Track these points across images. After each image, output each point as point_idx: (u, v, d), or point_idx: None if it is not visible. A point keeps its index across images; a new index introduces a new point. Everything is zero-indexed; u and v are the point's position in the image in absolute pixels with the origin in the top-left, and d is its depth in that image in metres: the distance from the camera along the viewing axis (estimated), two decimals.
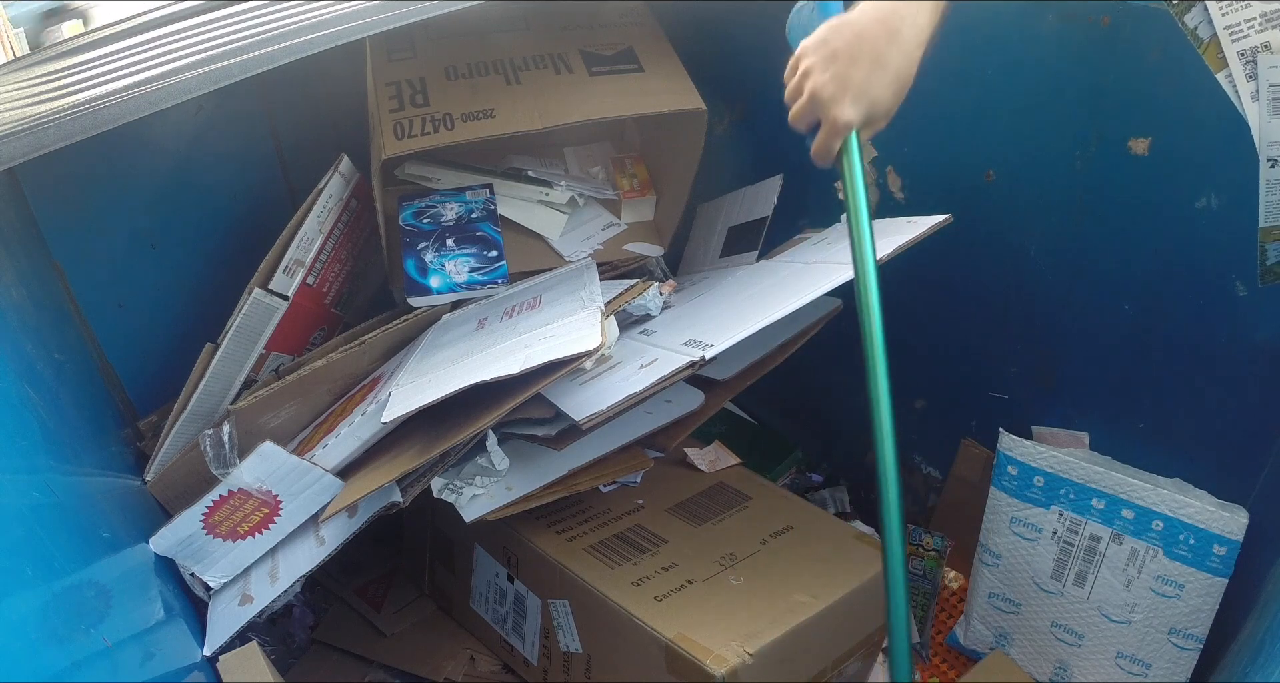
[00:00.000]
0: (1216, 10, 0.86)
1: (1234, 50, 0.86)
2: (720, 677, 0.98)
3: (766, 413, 1.73)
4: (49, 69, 1.18)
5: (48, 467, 0.92)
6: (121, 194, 1.31)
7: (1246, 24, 0.86)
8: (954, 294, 1.35)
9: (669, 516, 1.24)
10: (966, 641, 1.38)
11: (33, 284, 1.15)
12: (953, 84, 1.23)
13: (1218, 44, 0.87)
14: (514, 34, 1.40)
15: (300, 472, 1.13)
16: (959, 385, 1.42)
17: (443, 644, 1.33)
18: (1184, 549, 1.16)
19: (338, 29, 1.04)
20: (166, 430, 1.23)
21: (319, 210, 1.31)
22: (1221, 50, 0.87)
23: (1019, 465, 1.28)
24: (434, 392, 1.02)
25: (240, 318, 1.23)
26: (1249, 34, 0.86)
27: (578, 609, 1.14)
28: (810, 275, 1.14)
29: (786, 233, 1.43)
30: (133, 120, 0.95)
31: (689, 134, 1.36)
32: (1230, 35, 0.86)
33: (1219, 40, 0.87)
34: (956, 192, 1.28)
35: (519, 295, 1.29)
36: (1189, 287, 1.11)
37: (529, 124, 1.26)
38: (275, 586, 1.12)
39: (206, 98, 1.02)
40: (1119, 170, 1.11)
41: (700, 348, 1.05)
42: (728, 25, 1.49)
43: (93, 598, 0.85)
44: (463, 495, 1.11)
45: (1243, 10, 0.85)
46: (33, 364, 1.02)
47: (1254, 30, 0.85)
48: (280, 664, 1.31)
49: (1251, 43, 0.86)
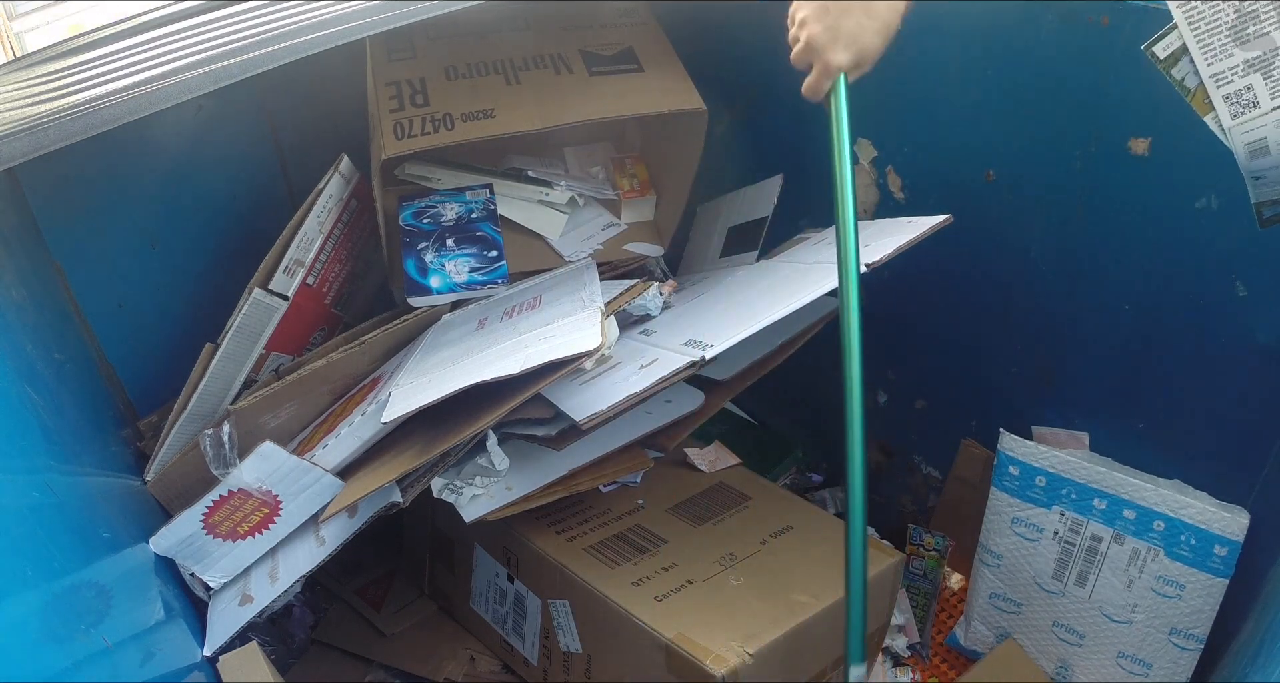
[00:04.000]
0: (1202, 61, 0.95)
1: (1219, 95, 0.95)
2: (720, 677, 0.98)
3: (766, 413, 1.73)
4: (49, 69, 1.18)
5: (48, 467, 0.92)
6: (121, 194, 1.31)
7: (1230, 71, 0.94)
8: (954, 294, 1.35)
9: (669, 516, 1.24)
10: (967, 641, 1.38)
11: (33, 284, 1.15)
12: (953, 84, 1.23)
13: (1204, 90, 0.95)
14: (514, 34, 1.40)
15: (300, 472, 1.13)
16: (959, 385, 1.42)
17: (443, 644, 1.33)
18: (1185, 550, 1.16)
19: (338, 29, 1.04)
20: (166, 430, 1.23)
21: (319, 210, 1.31)
22: (1208, 95, 0.95)
23: (1020, 466, 1.27)
24: (434, 392, 1.02)
25: (240, 318, 1.23)
26: (1233, 80, 0.94)
27: (578, 609, 1.14)
28: (810, 276, 1.14)
29: (786, 233, 1.43)
30: (133, 120, 0.95)
31: (689, 134, 1.36)
32: (1215, 82, 0.95)
33: (1205, 87, 0.95)
34: (956, 192, 1.28)
35: (519, 295, 1.29)
36: (1189, 287, 1.11)
37: (529, 124, 1.26)
38: (275, 586, 1.12)
39: (206, 98, 1.02)
40: (1119, 170, 1.11)
41: (700, 348, 1.05)
42: (728, 25, 1.49)
43: (93, 598, 0.85)
44: (463, 495, 1.11)
45: (1226, 60, 0.94)
46: (33, 364, 1.02)
47: (1237, 76, 0.93)
48: (280, 664, 1.31)
49: (1235, 87, 0.94)
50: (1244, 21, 0.92)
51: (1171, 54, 0.96)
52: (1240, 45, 0.93)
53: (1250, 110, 0.94)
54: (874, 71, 0.97)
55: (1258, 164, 0.95)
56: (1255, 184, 0.97)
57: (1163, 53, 0.96)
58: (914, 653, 1.42)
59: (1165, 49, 0.96)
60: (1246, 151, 0.95)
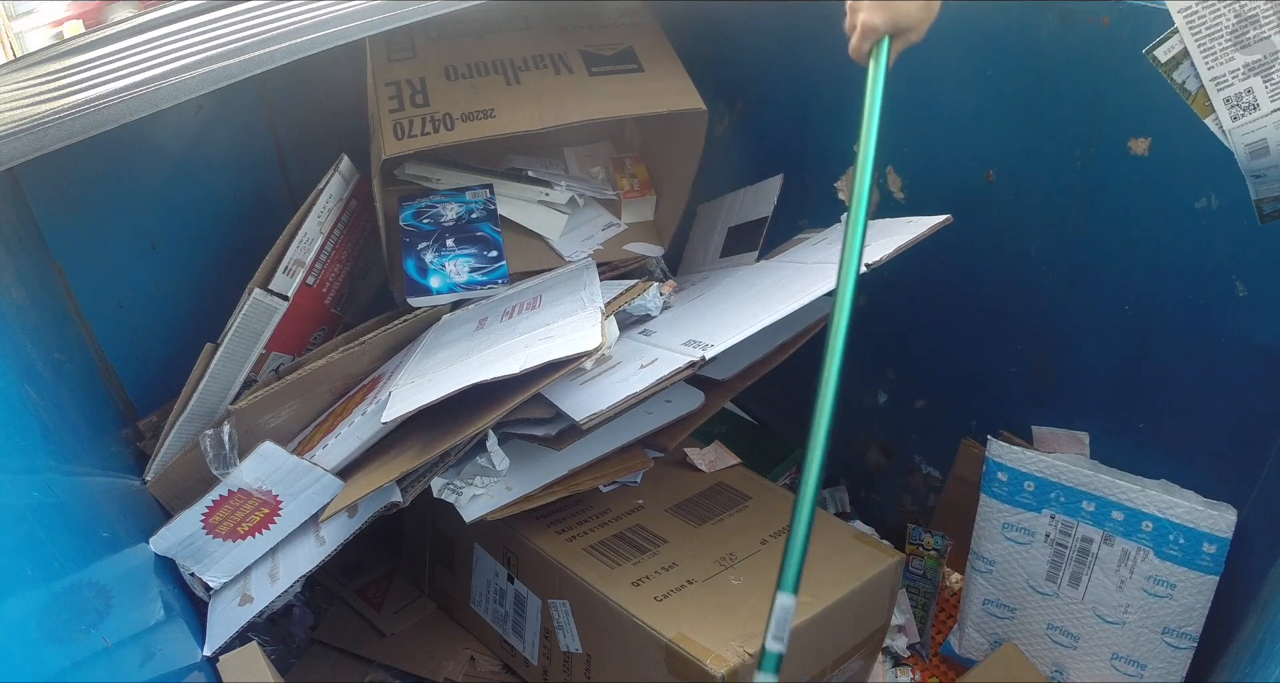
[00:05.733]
0: (1203, 64, 0.97)
1: (1220, 98, 0.97)
2: (720, 677, 0.98)
3: (766, 413, 1.73)
4: (49, 69, 1.18)
5: (48, 467, 0.92)
6: (121, 194, 1.31)
7: (1231, 75, 0.95)
8: (954, 294, 1.35)
9: (669, 516, 1.24)
10: (962, 650, 1.38)
11: (33, 284, 1.15)
12: (953, 84, 1.23)
13: (1205, 93, 0.97)
14: (514, 34, 1.40)
15: (300, 472, 1.13)
16: (959, 385, 1.42)
17: (443, 644, 1.33)
18: (1174, 549, 1.17)
19: (338, 29, 1.04)
20: (166, 430, 1.23)
21: (319, 210, 1.31)
22: (1209, 98, 0.97)
23: (1009, 472, 1.28)
24: (434, 392, 1.02)
25: (240, 318, 1.23)
26: (1233, 83, 0.96)
27: (578, 609, 1.14)
28: (810, 275, 1.14)
29: (786, 233, 1.43)
30: (133, 120, 0.95)
31: (689, 134, 1.36)
32: (1216, 85, 0.97)
33: (1205, 90, 0.97)
34: (956, 192, 1.28)
35: (519, 295, 1.29)
36: (1189, 287, 1.11)
37: (529, 124, 1.26)
38: (275, 586, 1.13)
39: (206, 98, 1.02)
40: (1119, 170, 1.12)
41: (700, 348, 1.05)
42: (728, 25, 1.49)
43: (93, 598, 0.85)
44: (463, 495, 1.11)
45: (1227, 63, 0.95)
46: (33, 364, 1.02)
47: (1238, 79, 0.95)
48: (280, 664, 1.31)
49: (1236, 90, 0.96)
50: (1244, 26, 0.94)
51: (1173, 57, 0.97)
52: (1240, 49, 0.94)
53: (1250, 113, 0.95)
54: None
55: (1258, 163, 0.96)
56: (1255, 182, 0.98)
57: (1164, 56, 0.98)
58: (914, 653, 1.42)
59: (1167, 53, 0.98)
60: (1247, 152, 0.96)
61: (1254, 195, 0.99)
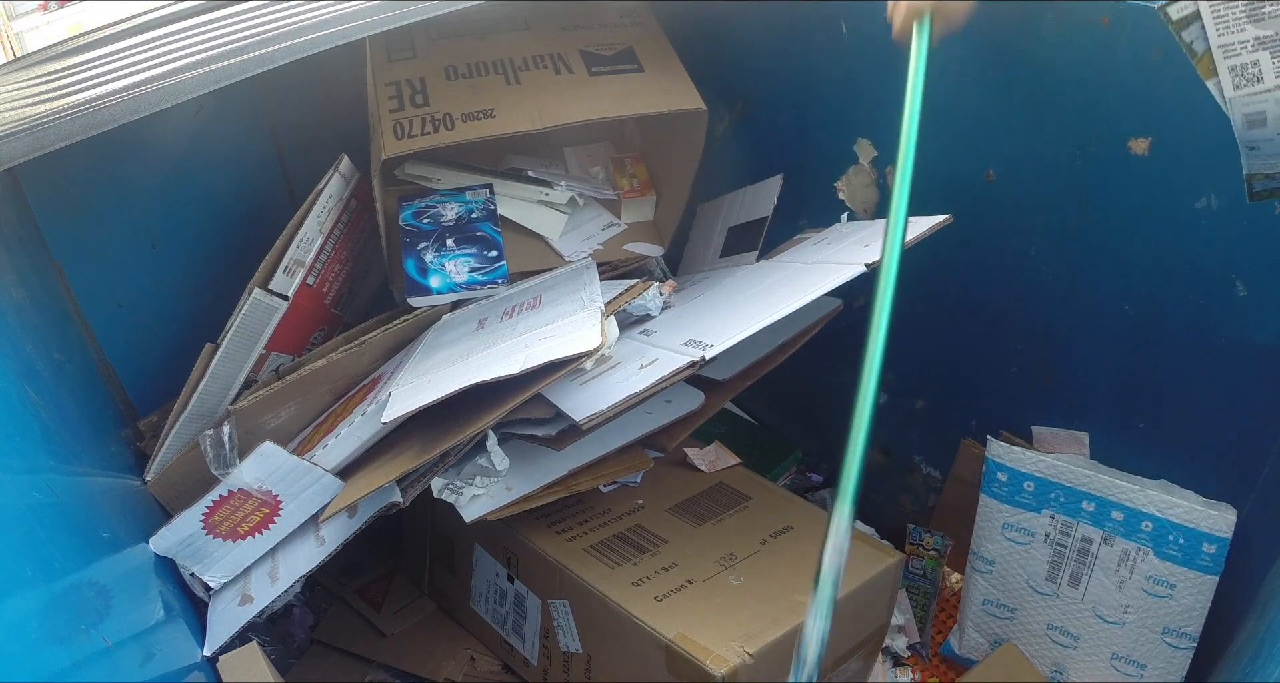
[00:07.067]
0: (1213, 30, 0.96)
1: (1225, 65, 0.96)
2: (720, 677, 0.98)
3: (766, 413, 1.73)
4: (49, 69, 1.18)
5: (48, 467, 0.92)
6: (121, 194, 1.31)
7: (1240, 44, 0.94)
8: (954, 294, 1.35)
9: (669, 516, 1.24)
10: (962, 650, 1.38)
11: (33, 284, 1.15)
12: (953, 84, 1.23)
13: (1210, 57, 0.96)
14: (514, 34, 1.40)
15: (300, 472, 1.13)
16: (959, 385, 1.42)
17: (443, 644, 1.33)
18: (1174, 549, 1.17)
19: (338, 29, 1.04)
20: (166, 430, 1.23)
21: (319, 211, 1.31)
22: (1214, 62, 0.96)
23: (1009, 472, 1.28)
24: (434, 392, 1.02)
25: (240, 318, 1.23)
26: (1241, 53, 0.95)
27: (578, 610, 1.14)
28: (810, 275, 1.14)
29: (786, 233, 1.43)
30: (133, 120, 0.95)
31: (689, 134, 1.36)
32: (1223, 53, 0.96)
33: (1211, 55, 0.96)
34: (956, 192, 1.28)
35: (519, 295, 1.29)
36: (1189, 287, 1.11)
37: (529, 124, 1.26)
38: (275, 586, 1.13)
39: (206, 98, 1.02)
40: (1119, 170, 1.11)
41: (700, 348, 1.05)
42: (727, 25, 1.49)
43: (93, 598, 0.85)
44: (463, 496, 1.11)
45: (1237, 33, 0.94)
46: (33, 364, 1.02)
47: (1246, 51, 0.94)
48: (280, 664, 1.31)
49: (1242, 61, 0.95)
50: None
51: (1184, 17, 0.96)
52: (1254, 22, 0.93)
53: (1254, 84, 0.94)
54: (873, 71, 0.97)
55: (1253, 134, 0.95)
56: (1249, 155, 0.97)
57: (1176, 14, 0.97)
58: (914, 653, 1.42)
59: (1179, 11, 0.97)
60: (1244, 121, 0.95)
61: (1245, 170, 0.98)
